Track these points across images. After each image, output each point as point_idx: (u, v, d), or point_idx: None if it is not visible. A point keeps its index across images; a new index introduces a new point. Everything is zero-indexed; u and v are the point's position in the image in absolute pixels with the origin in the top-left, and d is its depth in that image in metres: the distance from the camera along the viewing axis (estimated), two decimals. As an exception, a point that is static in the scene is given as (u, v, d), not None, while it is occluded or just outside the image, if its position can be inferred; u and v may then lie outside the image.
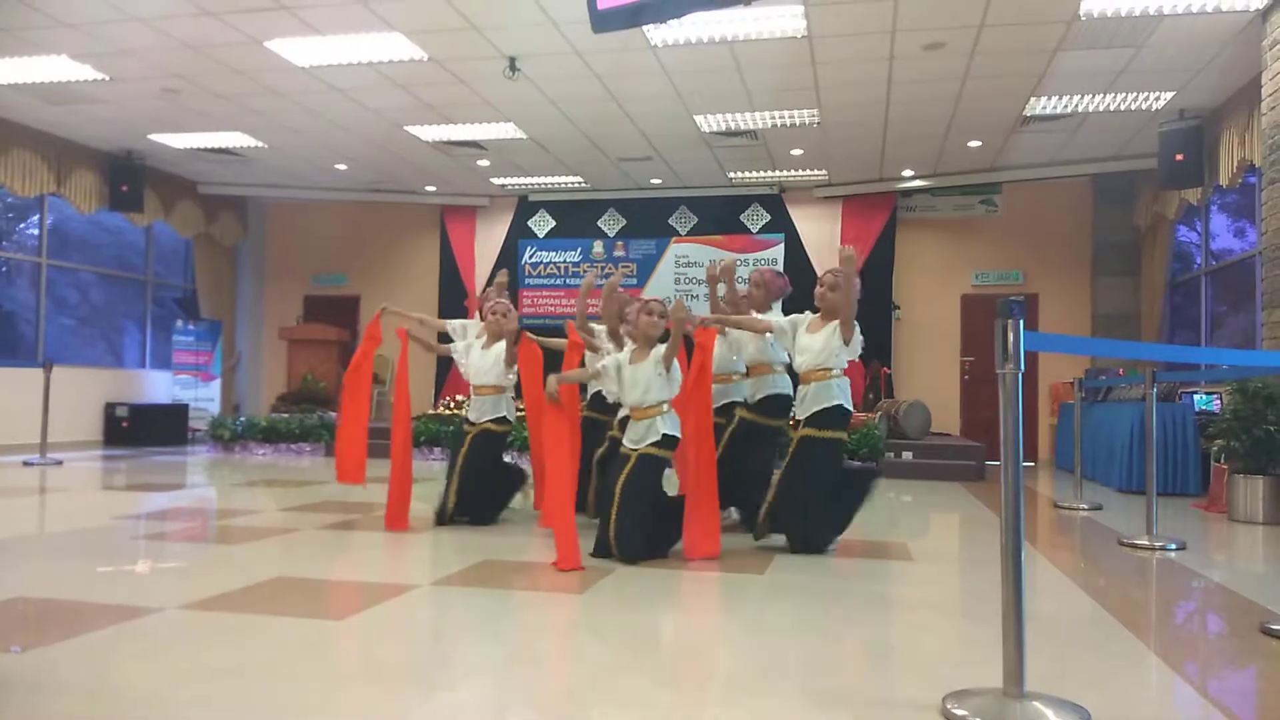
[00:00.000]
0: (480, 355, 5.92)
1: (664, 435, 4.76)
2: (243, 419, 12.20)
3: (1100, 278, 12.40)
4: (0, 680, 2.62)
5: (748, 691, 2.70)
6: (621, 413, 5.21)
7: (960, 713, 2.41)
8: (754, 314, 5.60)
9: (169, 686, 2.65)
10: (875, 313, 12.53)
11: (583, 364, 5.68)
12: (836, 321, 5.07)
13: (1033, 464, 12.04)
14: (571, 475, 4.89)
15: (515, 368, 5.84)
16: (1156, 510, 5.55)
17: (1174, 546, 5.37)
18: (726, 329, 5.65)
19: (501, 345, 5.84)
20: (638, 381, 4.81)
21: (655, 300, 5.04)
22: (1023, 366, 2.50)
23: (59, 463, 9.62)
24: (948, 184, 12.45)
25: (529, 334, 5.84)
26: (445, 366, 13.91)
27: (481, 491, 5.89)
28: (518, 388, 5.94)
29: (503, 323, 5.84)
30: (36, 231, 12.11)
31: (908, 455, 10.18)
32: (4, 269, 12.61)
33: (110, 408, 12.28)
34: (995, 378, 2.54)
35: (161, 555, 4.76)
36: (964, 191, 12.68)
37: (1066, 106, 9.45)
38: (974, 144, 10.84)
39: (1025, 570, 2.53)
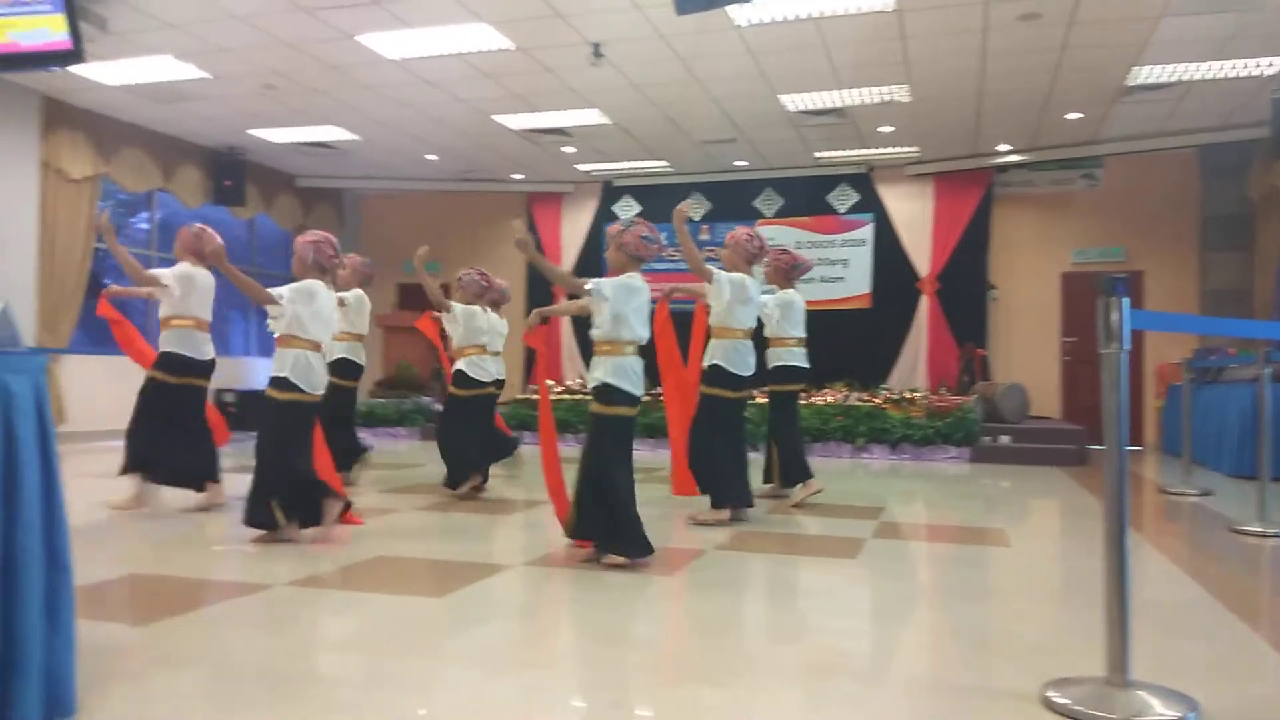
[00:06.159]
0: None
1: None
2: (339, 405, 12.56)
3: (1208, 253, 11.84)
4: (121, 652, 2.78)
5: (846, 678, 2.68)
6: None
7: (1062, 701, 2.35)
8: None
9: (283, 660, 2.76)
10: (970, 293, 12.26)
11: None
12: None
13: (1139, 448, 11.61)
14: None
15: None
16: (1269, 496, 5.31)
17: (1291, 533, 5.13)
18: None
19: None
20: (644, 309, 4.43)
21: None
22: (1127, 346, 2.41)
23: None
24: (1046, 158, 12.03)
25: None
26: (532, 349, 14.08)
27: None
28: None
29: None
30: (147, 226, 12.67)
31: (1005, 439, 9.92)
32: (115, 262, 13.25)
33: (219, 394, 12.80)
34: (1097, 359, 2.46)
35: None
36: (1063, 165, 12.23)
37: (1171, 75, 9.03)
38: (1073, 116, 10.45)
39: (1130, 556, 2.45)
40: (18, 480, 2.06)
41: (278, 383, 4.55)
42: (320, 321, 4.67)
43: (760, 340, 6.27)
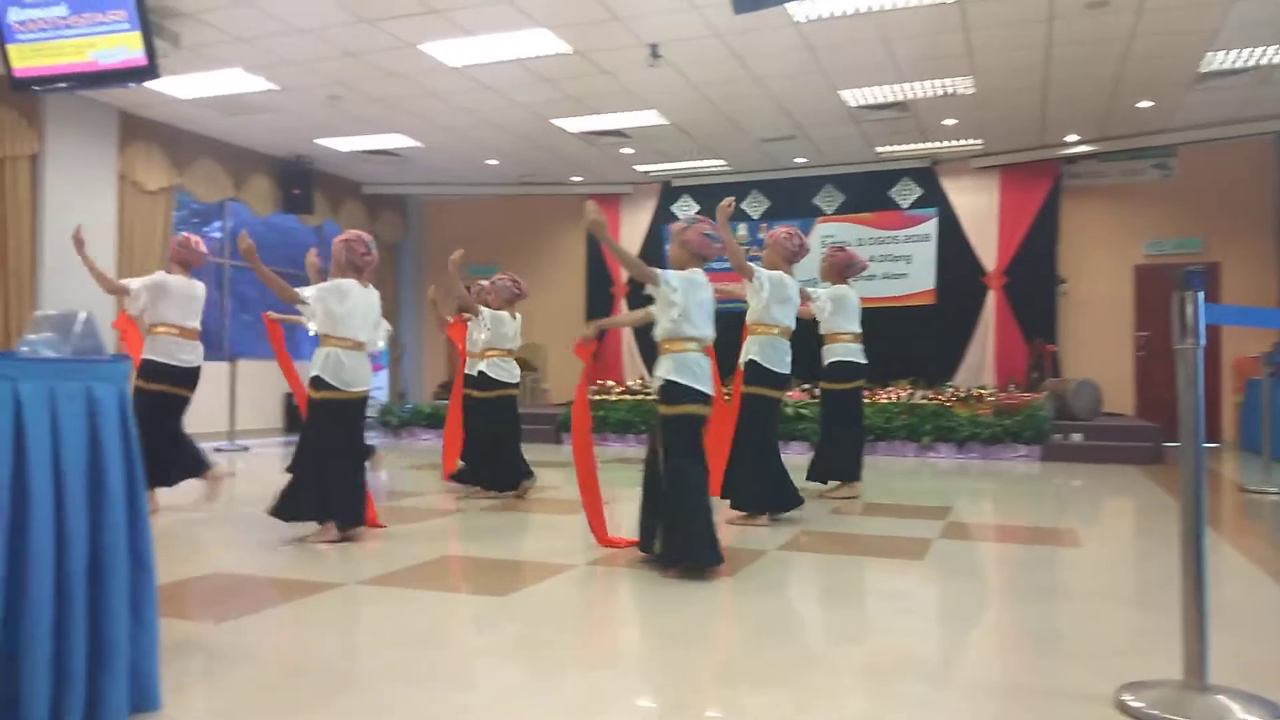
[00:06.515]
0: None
1: None
2: (409, 406, 12.79)
3: (1290, 243, 11.42)
4: (201, 648, 2.87)
5: (912, 680, 2.66)
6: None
7: (1137, 705, 2.30)
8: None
9: (354, 657, 2.83)
10: (1038, 287, 12.00)
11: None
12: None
13: (1216, 445, 11.25)
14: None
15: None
16: (1360, 494, 5.11)
17: (1382, 533, 4.93)
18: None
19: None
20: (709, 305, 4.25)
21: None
22: (1203, 341, 2.35)
23: (246, 448, 10.35)
24: (1116, 148, 11.71)
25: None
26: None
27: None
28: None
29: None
30: (219, 235, 13.03)
31: (1077, 437, 9.69)
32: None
33: (289, 397, 13.12)
34: (1173, 353, 2.40)
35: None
36: (1134, 155, 11.90)
37: (1247, 60, 8.73)
38: (1144, 105, 10.17)
39: (1207, 556, 2.38)
40: (103, 483, 2.14)
41: (313, 381, 4.71)
42: (355, 320, 4.75)
43: (816, 337, 6.26)
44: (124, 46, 7.00)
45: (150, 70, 7.11)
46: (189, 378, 5.76)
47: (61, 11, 6.96)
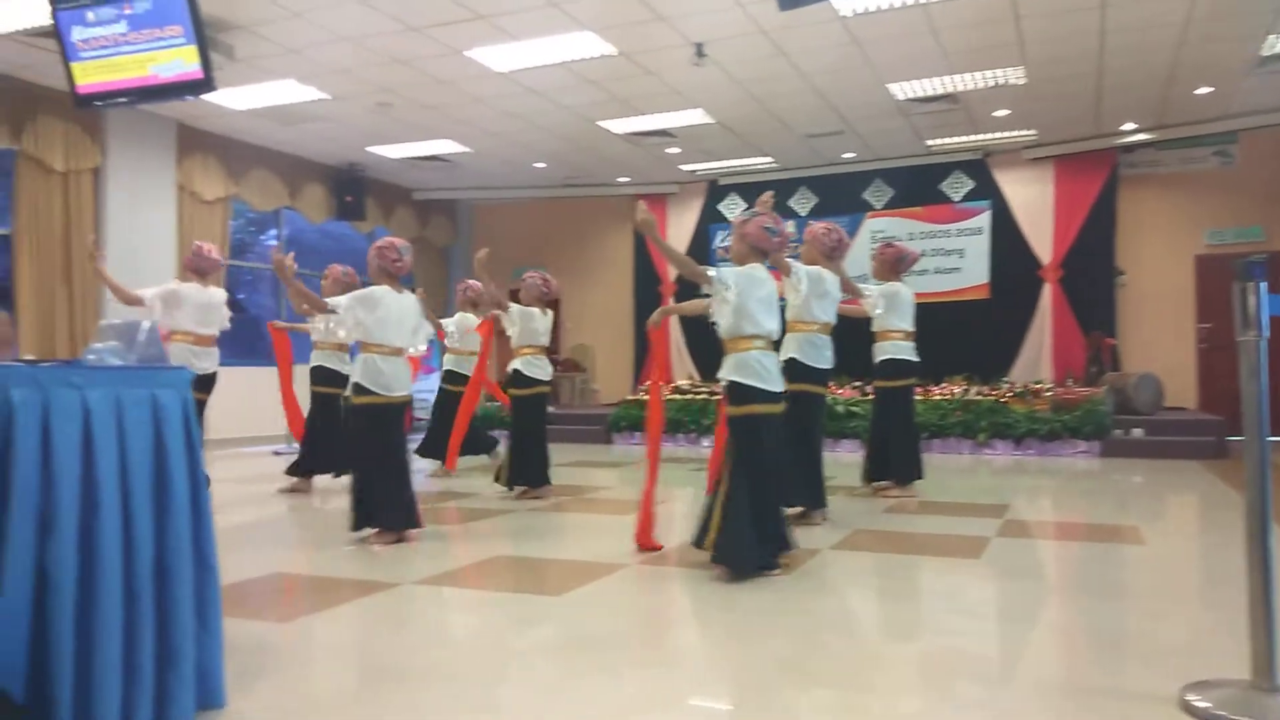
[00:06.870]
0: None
1: None
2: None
3: (1360, 230, 11.05)
4: (263, 647, 2.93)
5: (969, 680, 2.63)
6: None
7: (1203, 705, 2.25)
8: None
9: (411, 655, 2.88)
10: (1096, 279, 11.76)
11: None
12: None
13: (1284, 438, 10.93)
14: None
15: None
16: None
17: None
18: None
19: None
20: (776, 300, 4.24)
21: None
22: (1266, 332, 2.29)
23: (303, 452, 10.51)
24: (1175, 136, 11.43)
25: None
26: (643, 348, 14.15)
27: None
28: None
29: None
30: (275, 243, 13.30)
31: (1138, 432, 9.48)
32: (249, 278, 13.93)
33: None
34: (1236, 345, 2.35)
35: (395, 536, 5.15)
36: (1194, 143, 11.59)
37: (1313, 40, 8.46)
38: (1202, 91, 9.91)
39: (1275, 552, 2.32)
40: (168, 487, 2.21)
41: (354, 388, 4.81)
42: (390, 326, 4.79)
43: (869, 334, 6.21)
44: (181, 60, 7.17)
45: (206, 83, 7.28)
46: (205, 385, 5.94)
47: (121, 29, 7.15)
